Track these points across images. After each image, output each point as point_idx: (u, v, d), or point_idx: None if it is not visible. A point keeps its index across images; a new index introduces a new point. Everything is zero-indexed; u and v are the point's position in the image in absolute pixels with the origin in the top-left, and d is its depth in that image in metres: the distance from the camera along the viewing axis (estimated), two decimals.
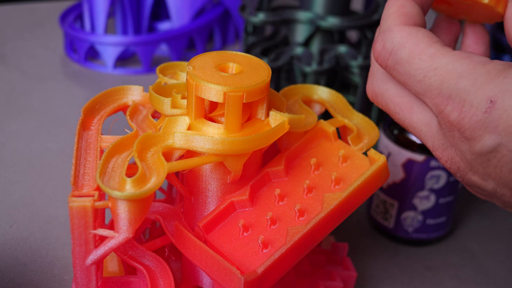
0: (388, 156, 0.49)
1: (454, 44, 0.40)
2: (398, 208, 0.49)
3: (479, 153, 0.31)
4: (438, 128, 0.33)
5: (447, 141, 0.33)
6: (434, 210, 0.49)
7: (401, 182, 0.49)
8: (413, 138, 0.47)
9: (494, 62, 0.31)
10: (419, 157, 0.47)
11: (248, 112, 0.36)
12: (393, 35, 0.33)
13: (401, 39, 0.33)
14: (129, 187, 0.31)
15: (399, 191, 0.49)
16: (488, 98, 0.30)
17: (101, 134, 0.38)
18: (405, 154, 0.47)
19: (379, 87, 0.37)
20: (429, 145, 0.34)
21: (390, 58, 0.33)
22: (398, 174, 0.48)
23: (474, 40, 0.39)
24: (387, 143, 0.49)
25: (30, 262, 0.45)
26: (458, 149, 0.32)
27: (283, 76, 0.57)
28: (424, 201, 0.49)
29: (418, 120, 0.35)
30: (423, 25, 0.35)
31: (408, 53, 0.32)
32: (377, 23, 0.56)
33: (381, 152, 0.47)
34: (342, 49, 0.54)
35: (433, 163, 0.47)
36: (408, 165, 0.48)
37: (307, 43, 0.56)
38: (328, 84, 0.54)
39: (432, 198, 0.48)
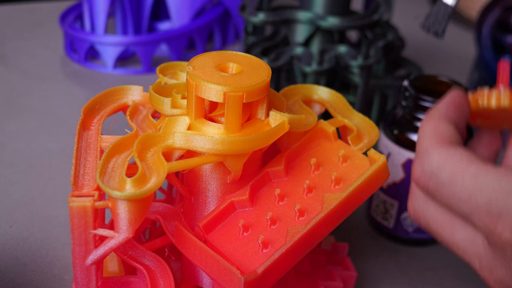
0: (388, 156, 0.49)
1: (495, 158, 0.39)
2: (398, 208, 0.49)
3: None
4: (485, 246, 0.32)
5: (497, 261, 0.31)
6: None
7: (401, 182, 0.49)
8: (413, 138, 0.47)
9: None
10: None
11: (248, 112, 0.36)
12: (431, 157, 0.32)
13: (440, 160, 0.32)
14: (129, 187, 0.31)
15: (399, 191, 0.49)
16: None
17: (101, 134, 0.38)
18: (405, 154, 0.47)
19: (419, 206, 0.35)
20: (476, 265, 0.33)
21: (431, 181, 0.32)
22: (398, 174, 0.48)
23: None
24: (387, 143, 0.49)
25: (30, 262, 0.45)
26: (510, 268, 0.31)
27: (283, 76, 0.57)
28: None
29: (461, 239, 0.33)
30: (460, 143, 0.34)
31: (449, 174, 0.31)
32: (377, 23, 0.56)
33: (381, 152, 0.47)
34: (342, 49, 0.54)
35: None
36: (408, 165, 0.48)
37: (307, 43, 0.56)
38: (328, 84, 0.54)
39: None
